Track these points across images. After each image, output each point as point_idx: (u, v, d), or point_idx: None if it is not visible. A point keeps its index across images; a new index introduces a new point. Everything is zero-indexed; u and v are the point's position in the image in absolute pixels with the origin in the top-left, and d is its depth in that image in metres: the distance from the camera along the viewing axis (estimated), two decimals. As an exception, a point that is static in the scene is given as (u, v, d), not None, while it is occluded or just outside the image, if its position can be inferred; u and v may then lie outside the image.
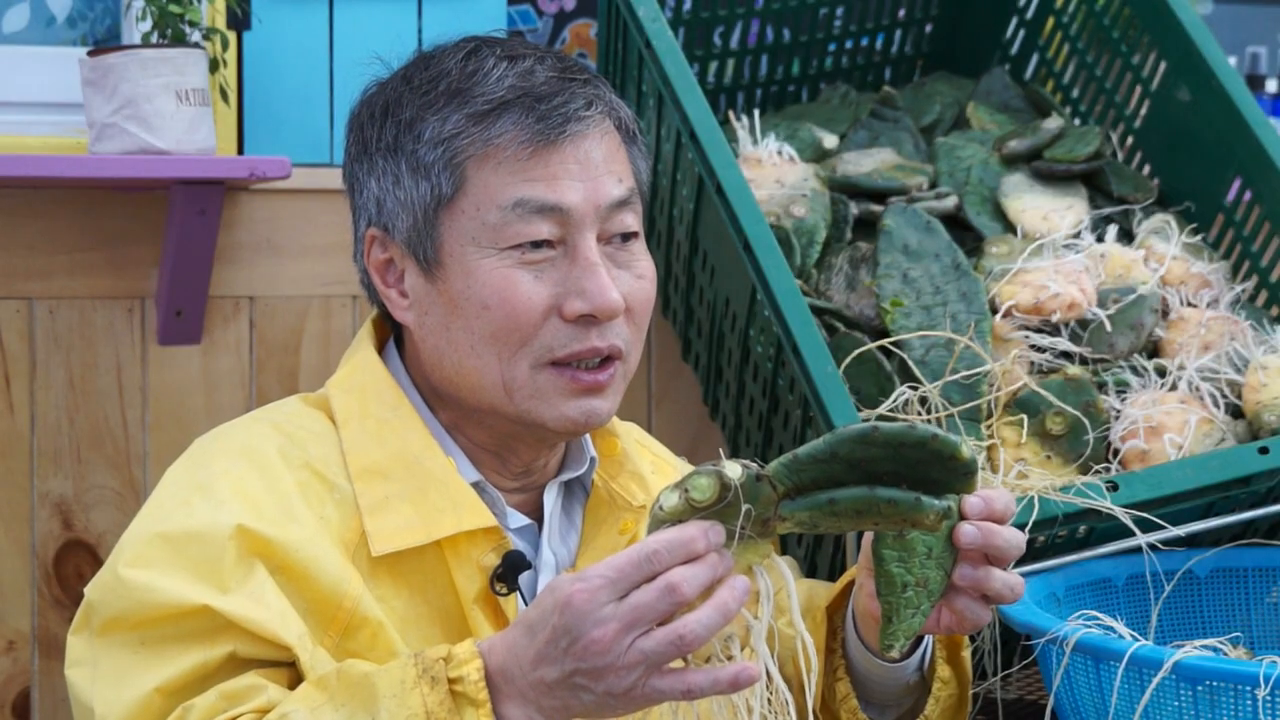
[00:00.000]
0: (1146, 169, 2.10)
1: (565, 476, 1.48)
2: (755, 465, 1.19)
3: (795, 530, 1.21)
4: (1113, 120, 2.14)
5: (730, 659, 1.20)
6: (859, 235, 1.97)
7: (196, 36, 2.03)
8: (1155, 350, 1.84)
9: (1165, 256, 1.90)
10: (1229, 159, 1.96)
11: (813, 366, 1.66)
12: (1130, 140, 2.11)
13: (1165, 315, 1.86)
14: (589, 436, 1.49)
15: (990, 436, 1.72)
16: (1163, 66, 2.04)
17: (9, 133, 2.15)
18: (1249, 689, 1.27)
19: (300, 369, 2.21)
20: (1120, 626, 1.43)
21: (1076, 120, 2.19)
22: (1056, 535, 1.61)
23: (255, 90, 2.21)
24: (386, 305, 1.42)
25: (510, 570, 1.37)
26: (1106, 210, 2.00)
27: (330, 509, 1.35)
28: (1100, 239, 1.94)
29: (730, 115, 2.18)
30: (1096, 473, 1.68)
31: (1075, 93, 2.20)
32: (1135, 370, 1.80)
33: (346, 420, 1.40)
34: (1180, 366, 1.78)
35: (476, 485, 1.40)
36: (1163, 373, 1.79)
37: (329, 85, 2.25)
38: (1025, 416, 1.71)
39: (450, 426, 1.42)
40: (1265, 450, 1.64)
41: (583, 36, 2.57)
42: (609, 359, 1.38)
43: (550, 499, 1.46)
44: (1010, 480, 1.65)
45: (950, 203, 1.98)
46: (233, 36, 2.15)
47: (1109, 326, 1.81)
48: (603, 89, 1.41)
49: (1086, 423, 1.71)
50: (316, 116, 2.24)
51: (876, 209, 1.97)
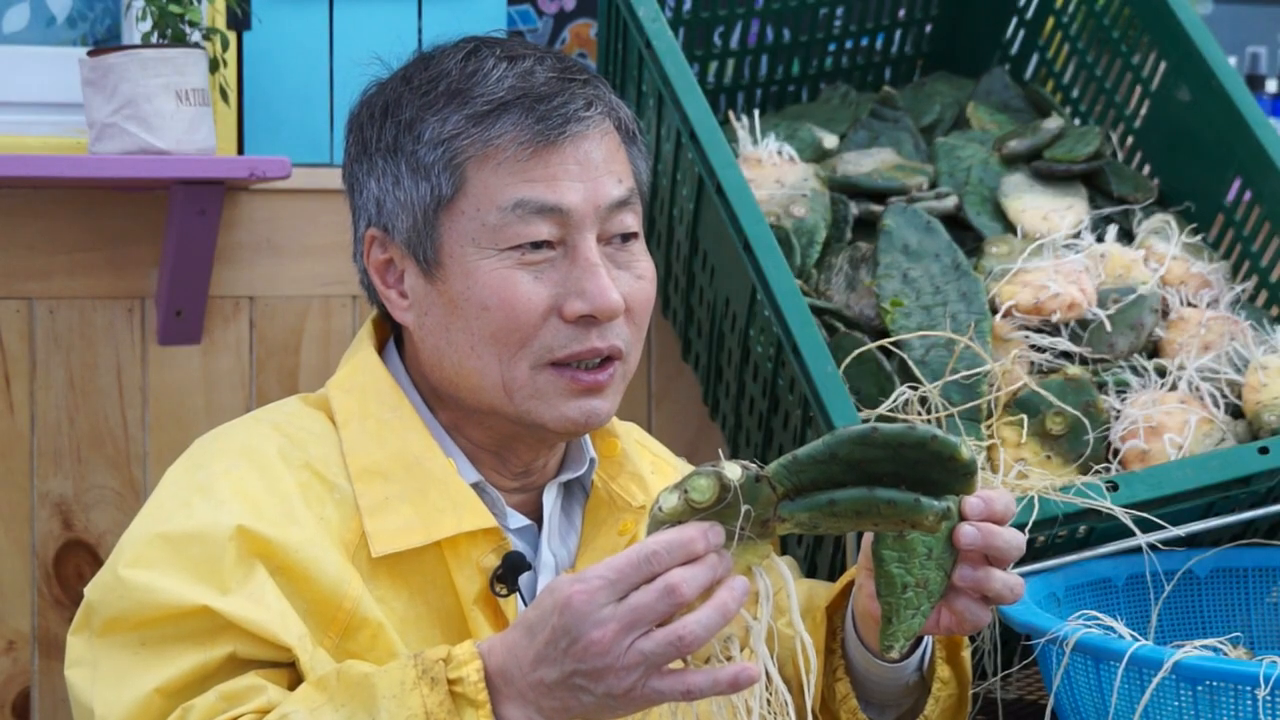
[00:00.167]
0: (1146, 169, 2.10)
1: (565, 477, 1.47)
2: (755, 466, 1.19)
3: (795, 531, 1.21)
4: (1113, 120, 2.14)
5: (730, 660, 1.20)
6: (859, 235, 1.97)
7: (196, 36, 2.02)
8: (1155, 350, 1.84)
9: (1165, 256, 1.90)
10: (1229, 159, 1.95)
11: (813, 366, 1.66)
12: (1130, 140, 2.11)
13: (1165, 315, 1.86)
14: (589, 437, 1.49)
15: (990, 437, 1.71)
16: (1163, 66, 2.04)
17: (9, 133, 2.15)
18: (1249, 689, 1.27)
19: (300, 369, 2.20)
20: (1120, 627, 1.43)
21: (1076, 120, 2.18)
22: (1056, 535, 1.61)
23: (255, 90, 2.21)
24: (386, 306, 1.42)
25: (510, 571, 1.37)
26: (1106, 210, 2.00)
27: (330, 510, 1.35)
28: (1100, 239, 1.94)
29: (730, 115, 2.18)
30: (1096, 473, 1.68)
31: (1075, 93, 2.20)
32: (1135, 370, 1.80)
33: (346, 421, 1.40)
34: (1180, 366, 1.78)
35: (476, 486, 1.40)
36: (1163, 373, 1.79)
37: (329, 85, 2.25)
38: (1025, 416, 1.71)
39: (450, 427, 1.42)
40: (1265, 450, 1.64)
41: (583, 36, 2.57)
42: (609, 359, 1.38)
43: (550, 500, 1.46)
44: (1010, 480, 1.65)
45: (950, 203, 1.98)
46: (233, 36, 2.15)
47: (1109, 326, 1.80)
48: (603, 89, 1.41)
49: (1086, 423, 1.71)
50: (316, 116, 2.24)
51: (876, 209, 1.97)
